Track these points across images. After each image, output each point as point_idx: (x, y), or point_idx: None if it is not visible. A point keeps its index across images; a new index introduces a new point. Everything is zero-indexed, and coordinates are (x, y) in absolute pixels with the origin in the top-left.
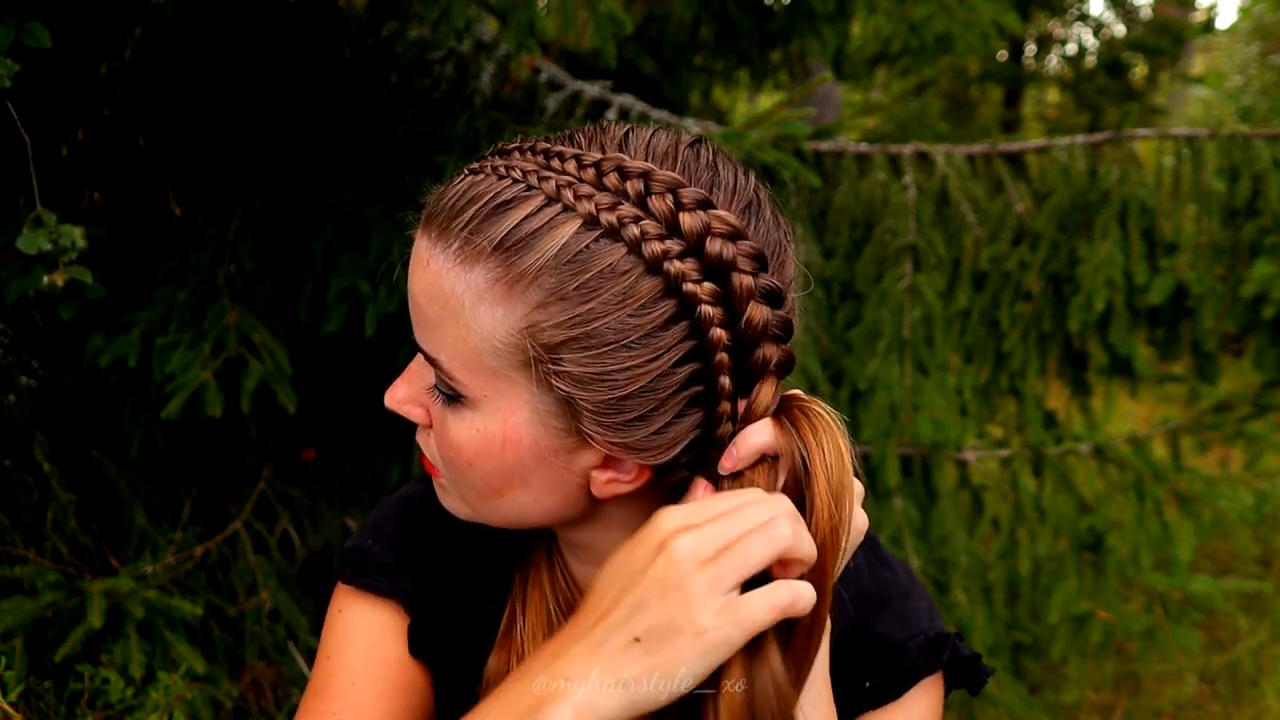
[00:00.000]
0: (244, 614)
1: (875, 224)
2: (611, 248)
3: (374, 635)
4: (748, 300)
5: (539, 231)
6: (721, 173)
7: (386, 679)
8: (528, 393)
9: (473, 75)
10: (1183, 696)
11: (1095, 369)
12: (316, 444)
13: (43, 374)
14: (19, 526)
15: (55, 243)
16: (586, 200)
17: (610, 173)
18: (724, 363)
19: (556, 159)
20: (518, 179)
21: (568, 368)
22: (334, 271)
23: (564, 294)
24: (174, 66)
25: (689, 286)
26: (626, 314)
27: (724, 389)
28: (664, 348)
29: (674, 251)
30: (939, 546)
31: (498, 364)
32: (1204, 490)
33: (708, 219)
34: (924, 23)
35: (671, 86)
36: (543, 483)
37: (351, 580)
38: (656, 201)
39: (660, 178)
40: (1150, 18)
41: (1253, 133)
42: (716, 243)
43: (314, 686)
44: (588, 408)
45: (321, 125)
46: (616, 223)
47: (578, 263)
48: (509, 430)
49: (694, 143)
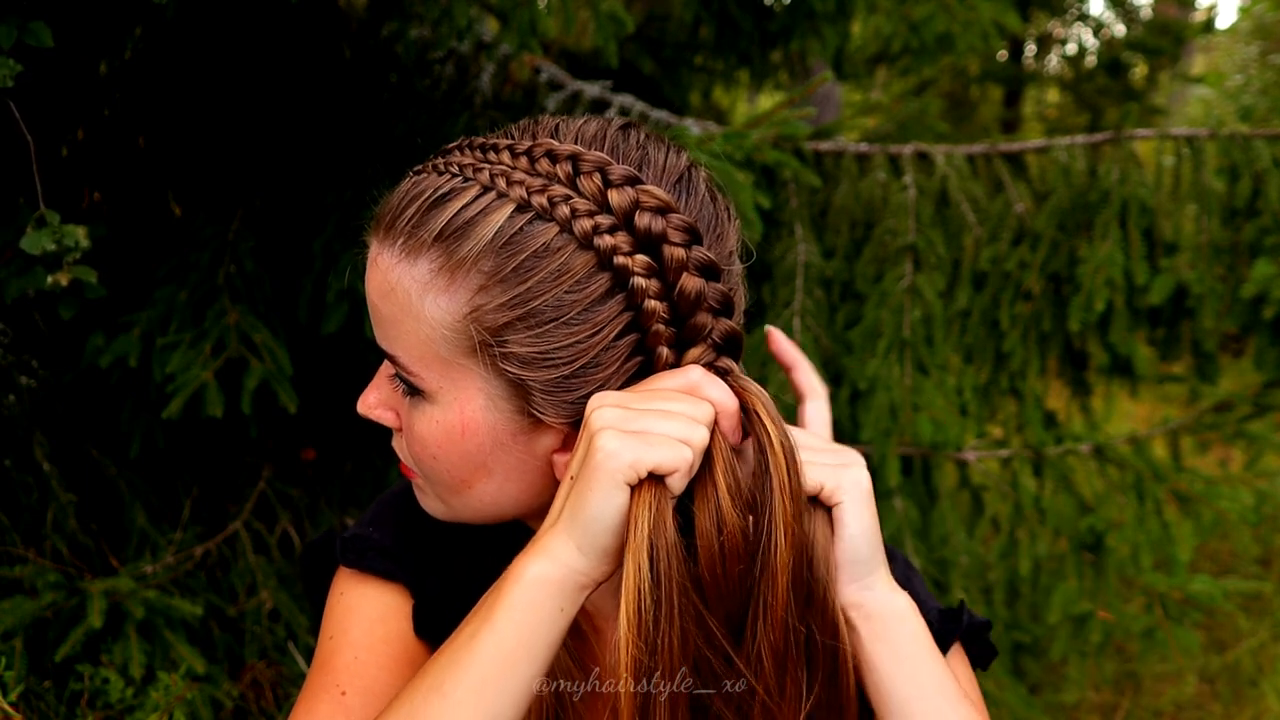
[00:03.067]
0: (244, 614)
1: (875, 224)
2: (544, 227)
3: (375, 614)
4: (680, 271)
5: (475, 219)
6: (651, 152)
7: (389, 654)
8: (480, 379)
9: (473, 75)
10: (1183, 696)
11: (1095, 369)
12: (316, 444)
13: (43, 374)
14: (19, 526)
15: (59, 242)
16: (518, 186)
17: (541, 158)
18: (661, 333)
19: (491, 151)
20: (455, 173)
21: (513, 349)
22: (334, 271)
23: (502, 276)
24: (174, 66)
25: (620, 259)
26: (563, 290)
27: (663, 359)
28: (603, 321)
29: (604, 226)
30: (939, 546)
31: (449, 353)
32: (1204, 490)
33: (636, 194)
34: (924, 22)
35: (672, 86)
36: (506, 470)
37: (354, 564)
38: (585, 181)
39: (588, 158)
40: (1150, 18)
41: (1253, 132)
42: (645, 216)
43: (318, 664)
44: (537, 387)
45: (321, 125)
46: (547, 203)
47: (513, 245)
48: (466, 419)
49: (624, 126)
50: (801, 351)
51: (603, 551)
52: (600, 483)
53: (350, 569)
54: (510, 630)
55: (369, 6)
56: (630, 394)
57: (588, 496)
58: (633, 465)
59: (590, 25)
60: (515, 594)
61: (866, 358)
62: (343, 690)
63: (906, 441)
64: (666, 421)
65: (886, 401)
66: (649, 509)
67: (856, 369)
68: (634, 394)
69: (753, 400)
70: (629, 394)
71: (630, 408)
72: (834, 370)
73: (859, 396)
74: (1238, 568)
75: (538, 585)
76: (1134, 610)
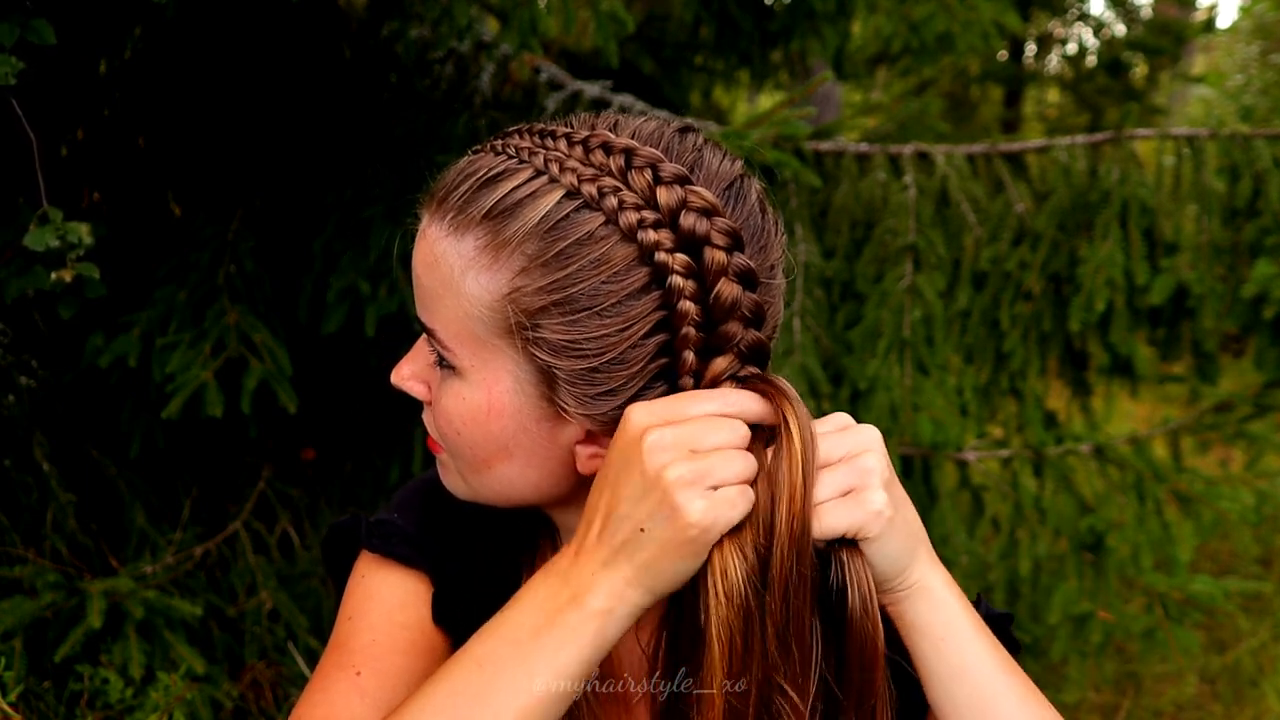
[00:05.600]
0: (244, 614)
1: (875, 224)
2: (590, 216)
3: (396, 599)
4: (719, 276)
5: (524, 201)
6: (706, 156)
7: (408, 641)
8: (511, 362)
9: (473, 75)
10: (1183, 696)
11: (1095, 369)
12: (316, 444)
13: (43, 374)
14: (19, 526)
15: (63, 239)
16: (570, 173)
17: (596, 149)
18: (690, 337)
19: (549, 138)
20: (511, 155)
21: (545, 334)
22: (334, 271)
23: (544, 260)
24: (174, 66)
25: (661, 256)
26: (601, 280)
27: (687, 364)
28: (636, 317)
29: (649, 221)
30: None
31: (484, 332)
32: (1204, 490)
33: (684, 194)
34: (924, 22)
35: (672, 86)
36: (527, 455)
37: (377, 549)
38: (636, 176)
39: (642, 153)
40: (1150, 17)
41: (1253, 132)
42: (691, 217)
43: (335, 643)
44: (563, 378)
45: (321, 125)
46: (596, 193)
47: (558, 230)
48: (494, 399)
49: (683, 129)
50: (800, 351)
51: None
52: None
53: (373, 553)
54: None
55: (369, 6)
56: (678, 425)
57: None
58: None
59: (590, 25)
60: (577, 628)
61: (866, 358)
62: (358, 671)
63: (906, 441)
64: (729, 464)
65: (886, 401)
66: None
67: (856, 369)
68: (680, 424)
69: (784, 404)
70: (680, 427)
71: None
72: (834, 370)
73: (859, 396)
74: (1238, 568)
75: (600, 627)
76: (1134, 610)
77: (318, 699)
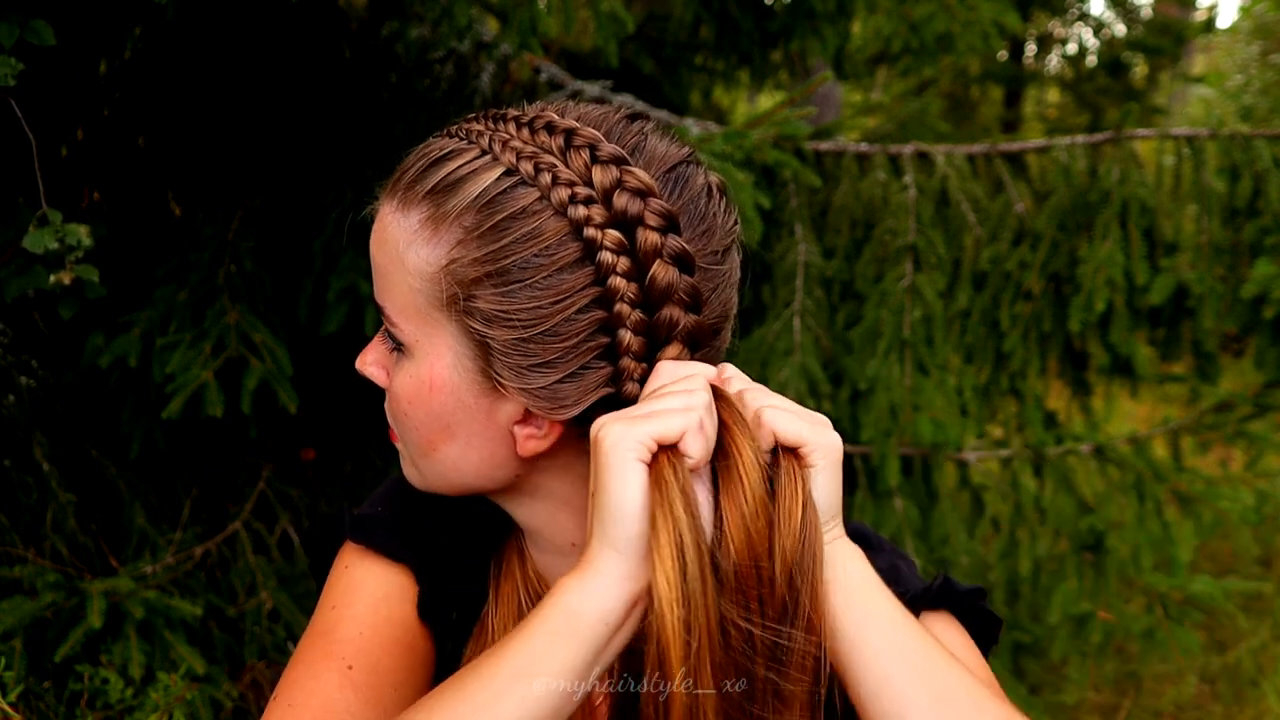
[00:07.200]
0: (244, 614)
1: (875, 224)
2: (525, 192)
3: (381, 592)
4: (653, 257)
5: (466, 177)
6: (651, 141)
7: (392, 637)
8: (450, 336)
9: (473, 75)
10: (1183, 697)
11: (1095, 369)
12: (316, 444)
13: (43, 374)
14: (19, 526)
15: (62, 241)
16: (511, 151)
17: (540, 130)
18: (625, 315)
19: (500, 121)
20: (462, 137)
21: (479, 305)
22: (334, 271)
23: (480, 232)
24: (174, 66)
25: (590, 231)
26: (533, 253)
27: (626, 344)
28: (568, 290)
29: (580, 197)
30: (939, 546)
31: (425, 305)
32: (1204, 490)
33: (619, 173)
34: (924, 22)
35: (672, 86)
36: (468, 435)
37: (362, 540)
38: (574, 155)
39: (582, 133)
40: (1150, 17)
41: (1253, 133)
42: (624, 197)
43: (318, 631)
44: (497, 348)
45: (321, 125)
46: (532, 170)
47: (494, 204)
48: (434, 375)
49: (631, 115)
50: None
51: (640, 541)
52: (614, 467)
53: (357, 544)
54: (551, 660)
55: (369, 6)
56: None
57: (607, 487)
58: (640, 440)
59: (590, 25)
60: (557, 618)
61: (866, 358)
62: (349, 664)
63: (907, 441)
64: (664, 399)
65: (886, 401)
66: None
67: (856, 369)
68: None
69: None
70: (631, 411)
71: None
72: (834, 370)
73: (859, 396)
74: (1238, 568)
75: (575, 614)
76: (1134, 610)
77: (310, 688)
